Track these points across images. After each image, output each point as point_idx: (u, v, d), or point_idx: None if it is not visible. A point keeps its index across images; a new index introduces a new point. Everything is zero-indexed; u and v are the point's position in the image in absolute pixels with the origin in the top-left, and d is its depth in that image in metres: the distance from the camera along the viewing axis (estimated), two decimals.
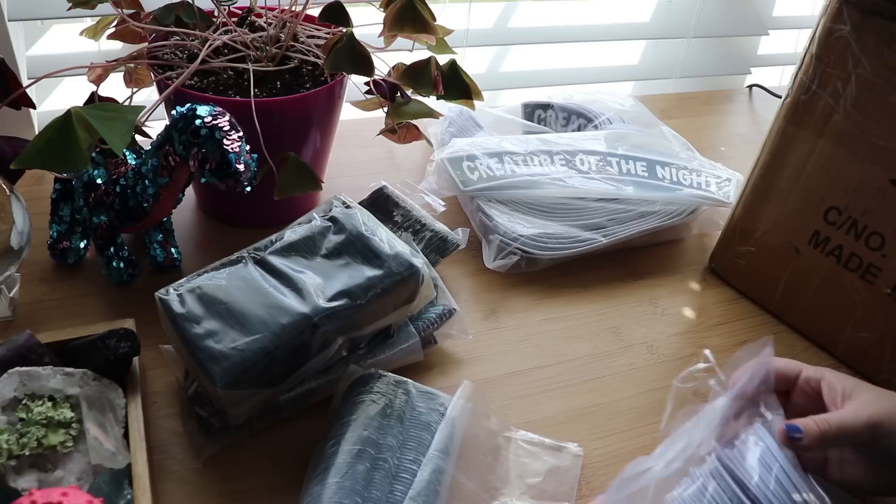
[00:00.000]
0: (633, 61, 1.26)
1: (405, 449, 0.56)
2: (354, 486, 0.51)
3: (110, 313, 0.70)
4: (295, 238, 0.64)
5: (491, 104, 1.01)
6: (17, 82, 0.65)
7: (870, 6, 0.61)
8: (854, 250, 0.69)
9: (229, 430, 0.59)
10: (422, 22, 0.69)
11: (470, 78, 0.73)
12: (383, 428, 0.56)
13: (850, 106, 0.64)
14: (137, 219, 0.70)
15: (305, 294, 0.59)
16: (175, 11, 0.75)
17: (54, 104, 0.96)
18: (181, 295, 0.59)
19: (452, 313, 0.69)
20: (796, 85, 0.69)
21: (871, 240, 0.67)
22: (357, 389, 0.59)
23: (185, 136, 0.63)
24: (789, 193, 0.72)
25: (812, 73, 0.66)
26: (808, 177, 0.70)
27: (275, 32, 0.77)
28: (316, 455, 0.56)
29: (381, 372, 0.60)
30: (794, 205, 0.72)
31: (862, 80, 0.63)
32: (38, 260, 0.74)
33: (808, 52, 0.67)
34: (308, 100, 0.73)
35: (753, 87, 1.28)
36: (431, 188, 0.84)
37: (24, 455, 0.50)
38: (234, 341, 0.56)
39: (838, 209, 0.69)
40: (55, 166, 0.56)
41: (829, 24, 0.64)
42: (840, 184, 0.68)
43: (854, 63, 0.63)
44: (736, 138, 1.14)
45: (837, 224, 0.69)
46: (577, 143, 0.90)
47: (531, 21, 1.14)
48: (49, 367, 0.55)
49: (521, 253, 0.79)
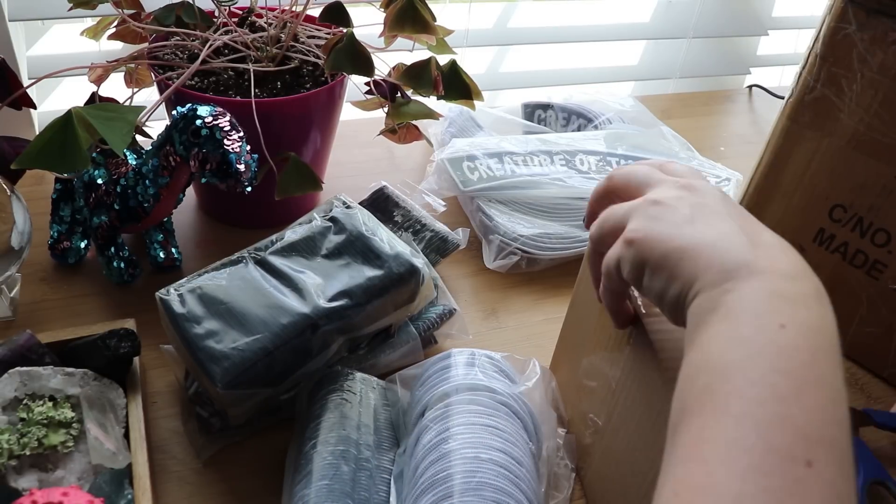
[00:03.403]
0: (633, 61, 1.26)
1: (381, 449, 0.56)
2: (343, 487, 0.51)
3: (111, 313, 0.70)
4: (295, 238, 0.65)
5: (491, 104, 1.01)
6: (17, 82, 0.65)
7: (875, 6, 0.61)
8: (860, 247, 0.69)
9: (229, 430, 0.59)
10: (422, 22, 0.69)
11: (470, 78, 0.73)
12: (361, 427, 0.56)
13: (855, 104, 0.65)
14: (138, 219, 0.70)
15: (306, 294, 0.59)
16: (175, 12, 0.75)
17: (55, 104, 0.96)
18: (182, 295, 0.59)
19: (453, 313, 0.69)
20: (800, 84, 0.69)
21: (877, 236, 0.67)
22: (326, 388, 0.58)
23: (186, 137, 0.63)
24: (793, 192, 0.72)
25: (817, 73, 0.67)
26: (813, 175, 0.70)
27: (275, 33, 0.77)
28: (293, 456, 0.56)
29: (348, 370, 0.60)
30: (799, 203, 0.72)
31: (868, 79, 0.63)
32: (39, 260, 0.74)
33: (812, 52, 0.67)
34: (308, 100, 0.73)
35: (753, 88, 1.28)
36: (431, 188, 0.84)
37: (24, 455, 0.50)
38: (234, 341, 0.56)
39: (843, 207, 0.69)
40: (56, 166, 0.56)
41: (834, 23, 0.64)
42: (845, 182, 0.68)
43: (860, 62, 0.63)
44: (735, 138, 1.14)
45: (843, 221, 0.69)
46: (577, 144, 0.90)
47: (531, 21, 1.14)
48: (50, 367, 0.55)
49: (521, 253, 0.79)
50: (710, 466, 0.30)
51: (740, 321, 0.34)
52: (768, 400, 0.31)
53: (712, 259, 0.37)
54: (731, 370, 0.33)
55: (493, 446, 0.52)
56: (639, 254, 0.40)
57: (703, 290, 0.37)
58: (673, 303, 0.39)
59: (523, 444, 0.54)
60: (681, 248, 0.38)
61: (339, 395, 0.57)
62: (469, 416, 0.53)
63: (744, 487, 0.29)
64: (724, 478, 0.30)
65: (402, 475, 0.54)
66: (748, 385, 0.32)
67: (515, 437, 0.53)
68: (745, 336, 0.34)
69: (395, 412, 0.59)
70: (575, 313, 0.62)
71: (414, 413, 0.57)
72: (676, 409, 0.35)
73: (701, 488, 0.30)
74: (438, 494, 0.49)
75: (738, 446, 0.30)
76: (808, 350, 0.33)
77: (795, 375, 0.32)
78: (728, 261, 0.37)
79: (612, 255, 0.43)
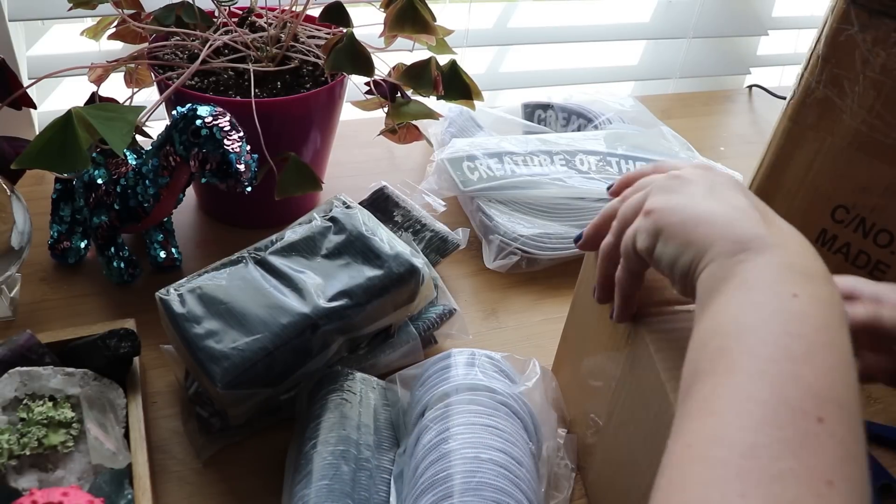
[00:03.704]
0: (633, 61, 1.26)
1: (381, 449, 0.56)
2: (343, 487, 0.51)
3: (111, 313, 0.70)
4: (295, 238, 0.65)
5: (491, 104, 1.01)
6: (17, 82, 0.65)
7: (878, 7, 0.61)
8: (862, 248, 0.69)
9: (229, 430, 0.59)
10: (422, 22, 0.69)
11: (470, 78, 0.73)
12: (361, 427, 0.56)
13: (857, 106, 0.65)
14: (138, 219, 0.70)
15: (306, 294, 0.59)
16: (175, 12, 0.75)
17: (55, 104, 0.96)
18: (182, 295, 0.59)
19: (453, 313, 0.69)
20: (802, 85, 0.69)
21: (880, 237, 0.67)
22: (326, 388, 0.58)
23: (186, 137, 0.63)
24: (796, 193, 0.72)
25: (818, 74, 0.67)
26: (816, 176, 0.70)
27: (275, 33, 0.77)
28: (293, 456, 0.56)
29: (348, 370, 0.60)
30: (801, 204, 0.72)
31: (870, 79, 0.63)
32: (39, 260, 0.74)
33: (813, 53, 0.67)
34: (308, 100, 0.73)
35: (753, 88, 1.28)
36: (431, 188, 0.84)
37: (24, 455, 0.50)
38: (234, 341, 0.56)
39: (846, 208, 0.69)
40: (56, 166, 0.56)
41: (836, 24, 0.64)
42: (848, 183, 0.68)
43: (862, 63, 0.63)
44: (735, 138, 1.14)
45: (845, 222, 0.69)
46: (577, 144, 0.90)
47: (531, 21, 1.14)
48: (50, 367, 0.55)
49: (521, 253, 0.79)
50: (723, 418, 0.31)
51: (754, 289, 0.35)
52: (781, 359, 0.32)
53: (727, 229, 0.38)
54: (744, 332, 0.33)
55: (493, 446, 0.52)
56: (656, 221, 0.41)
57: (715, 259, 0.38)
58: (684, 269, 0.40)
59: (523, 444, 0.54)
60: (696, 216, 0.40)
61: (339, 395, 0.57)
62: (469, 416, 0.53)
63: (757, 438, 0.29)
64: (736, 429, 0.30)
65: (402, 475, 0.54)
66: (761, 345, 0.32)
67: (515, 437, 0.53)
68: (759, 301, 0.34)
69: (395, 412, 0.59)
70: (576, 313, 0.62)
71: (414, 413, 0.57)
72: (688, 374, 0.35)
73: (714, 439, 0.30)
74: (438, 494, 0.49)
75: (751, 399, 0.31)
76: (819, 317, 0.34)
77: (808, 339, 0.33)
78: (743, 233, 0.38)
79: (630, 230, 0.44)
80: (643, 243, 0.42)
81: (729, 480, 0.28)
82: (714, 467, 0.29)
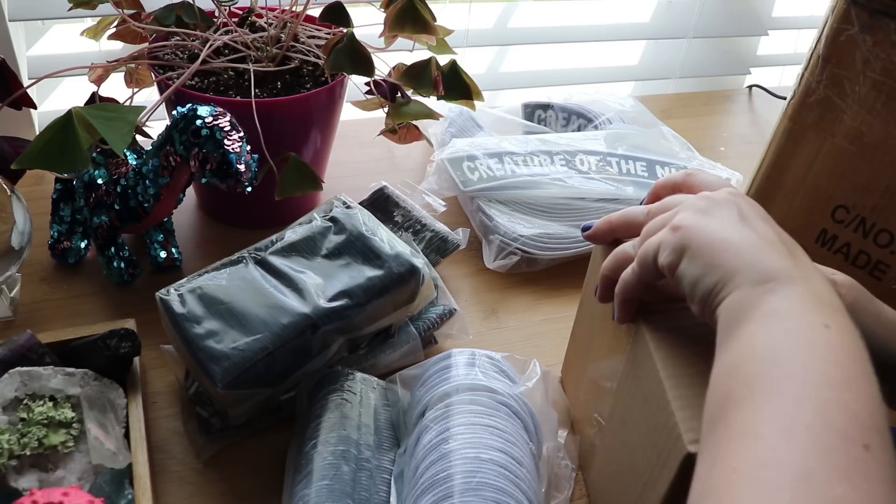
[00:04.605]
0: (633, 61, 1.26)
1: (382, 449, 0.56)
2: (343, 487, 0.51)
3: (111, 313, 0.70)
4: (295, 238, 0.65)
5: (491, 104, 1.01)
6: (17, 82, 0.65)
7: (878, 7, 0.61)
8: (862, 248, 0.69)
9: (230, 430, 0.59)
10: (422, 22, 0.69)
11: (470, 78, 0.73)
12: (361, 427, 0.56)
13: (858, 106, 0.65)
14: (138, 219, 0.70)
15: (306, 294, 0.59)
16: (176, 12, 0.75)
17: (55, 104, 0.96)
18: (182, 295, 0.59)
19: (453, 313, 0.69)
20: (802, 85, 0.69)
21: (880, 237, 0.67)
22: (326, 388, 0.58)
23: (186, 137, 0.63)
24: (796, 193, 0.72)
25: (819, 74, 0.67)
26: (816, 176, 0.70)
27: (275, 33, 0.77)
28: (293, 456, 0.56)
29: (348, 370, 0.60)
30: (801, 204, 0.72)
31: (870, 80, 0.63)
32: (39, 260, 0.74)
33: (814, 53, 0.67)
34: (308, 100, 0.73)
35: (753, 88, 1.28)
36: (431, 188, 0.84)
37: (24, 455, 0.50)
38: (234, 341, 0.56)
39: (846, 207, 0.69)
40: (56, 166, 0.56)
41: (837, 24, 0.64)
42: (848, 183, 0.68)
43: (863, 64, 0.63)
44: (735, 138, 1.14)
45: (845, 222, 0.69)
46: (577, 144, 0.90)
47: (531, 21, 1.14)
48: (50, 367, 0.55)
49: (521, 253, 0.79)
50: (769, 442, 0.30)
51: (786, 318, 0.35)
52: (822, 385, 0.32)
53: (755, 258, 0.38)
54: (781, 358, 0.34)
55: (494, 446, 0.52)
56: (683, 238, 0.41)
57: (741, 287, 0.38)
58: (706, 292, 0.40)
59: (523, 445, 0.54)
60: (725, 241, 0.40)
61: (339, 395, 0.57)
62: (469, 417, 0.53)
63: (808, 462, 0.29)
64: (785, 453, 0.30)
65: (402, 475, 0.54)
66: (802, 370, 0.33)
67: (516, 438, 0.53)
68: (793, 329, 0.35)
69: (395, 412, 0.59)
70: (583, 313, 0.62)
71: (414, 413, 0.57)
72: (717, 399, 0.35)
73: (763, 462, 0.30)
74: (439, 494, 0.49)
75: (797, 423, 0.30)
76: (851, 347, 0.34)
77: (845, 367, 0.33)
78: (771, 263, 0.38)
79: (653, 241, 0.44)
80: (666, 258, 0.42)
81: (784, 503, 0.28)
82: (765, 490, 0.29)
